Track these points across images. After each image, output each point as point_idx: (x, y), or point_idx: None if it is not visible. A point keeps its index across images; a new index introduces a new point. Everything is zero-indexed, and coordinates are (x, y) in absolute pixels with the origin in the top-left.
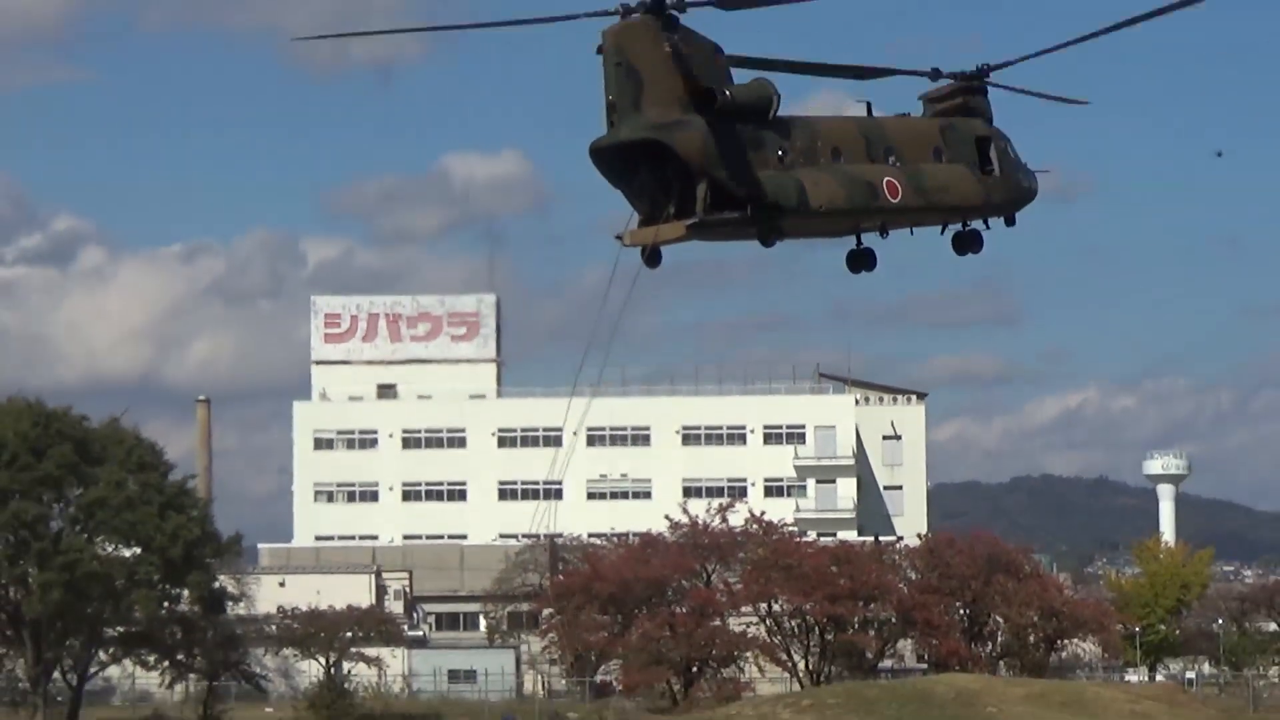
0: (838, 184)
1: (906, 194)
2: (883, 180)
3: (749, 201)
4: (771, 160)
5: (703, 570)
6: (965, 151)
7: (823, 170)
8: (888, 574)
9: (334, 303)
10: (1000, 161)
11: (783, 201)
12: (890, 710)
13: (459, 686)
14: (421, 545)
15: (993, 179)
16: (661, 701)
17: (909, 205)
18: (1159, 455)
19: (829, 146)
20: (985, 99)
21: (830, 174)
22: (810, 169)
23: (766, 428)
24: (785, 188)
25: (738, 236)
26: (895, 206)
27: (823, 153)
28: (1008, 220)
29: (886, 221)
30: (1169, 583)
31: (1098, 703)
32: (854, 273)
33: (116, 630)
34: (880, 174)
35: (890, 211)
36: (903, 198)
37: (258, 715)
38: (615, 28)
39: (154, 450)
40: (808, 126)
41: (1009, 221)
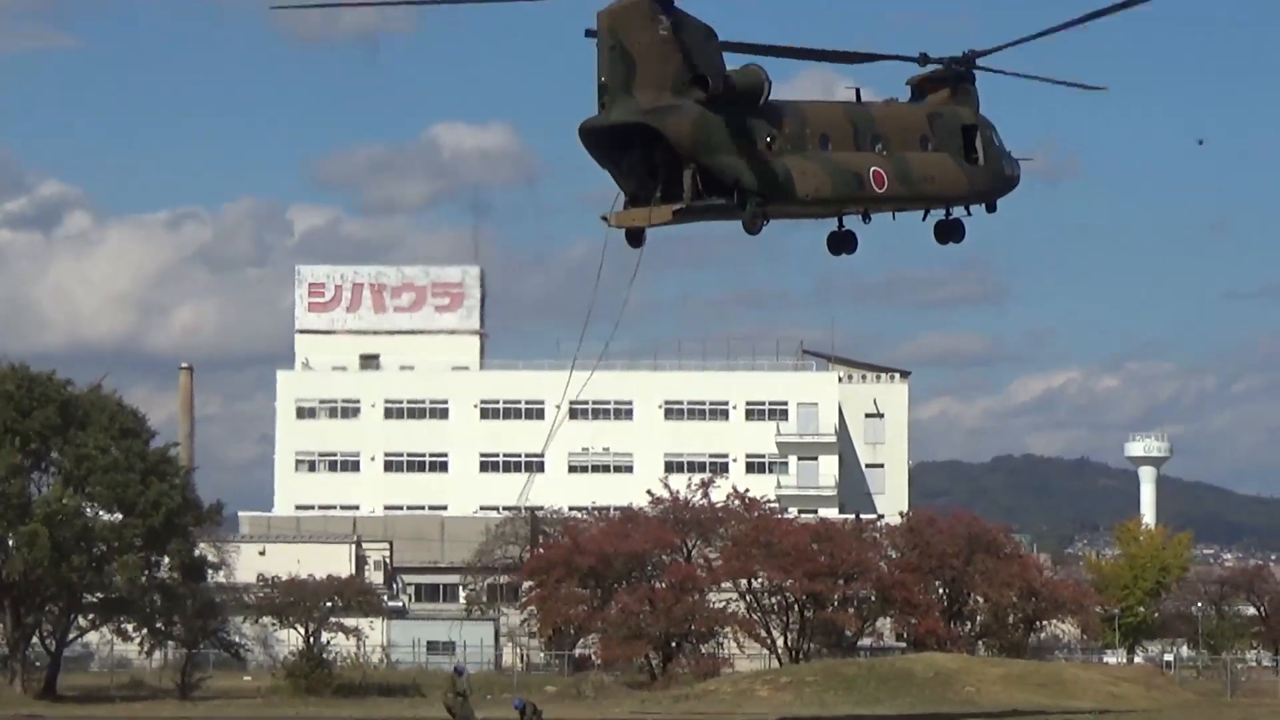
0: (825, 173)
1: (892, 183)
2: (869, 170)
3: (736, 188)
4: (760, 146)
5: (683, 545)
6: (951, 140)
7: (810, 159)
8: (868, 552)
9: (318, 272)
10: (985, 150)
11: (770, 190)
12: (868, 688)
13: (438, 658)
14: (402, 516)
15: (977, 168)
16: (640, 676)
17: (894, 194)
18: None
19: (817, 133)
20: (973, 86)
21: (818, 163)
22: (798, 157)
23: (749, 404)
24: (773, 176)
25: (722, 219)
26: (881, 195)
27: (811, 140)
28: (989, 207)
29: (870, 209)
30: (1148, 565)
31: (1076, 684)
32: (835, 254)
33: (96, 596)
34: (867, 163)
35: (875, 200)
36: (888, 187)
37: (236, 683)
38: (610, 9)
39: (136, 417)
40: (797, 113)
41: (990, 208)
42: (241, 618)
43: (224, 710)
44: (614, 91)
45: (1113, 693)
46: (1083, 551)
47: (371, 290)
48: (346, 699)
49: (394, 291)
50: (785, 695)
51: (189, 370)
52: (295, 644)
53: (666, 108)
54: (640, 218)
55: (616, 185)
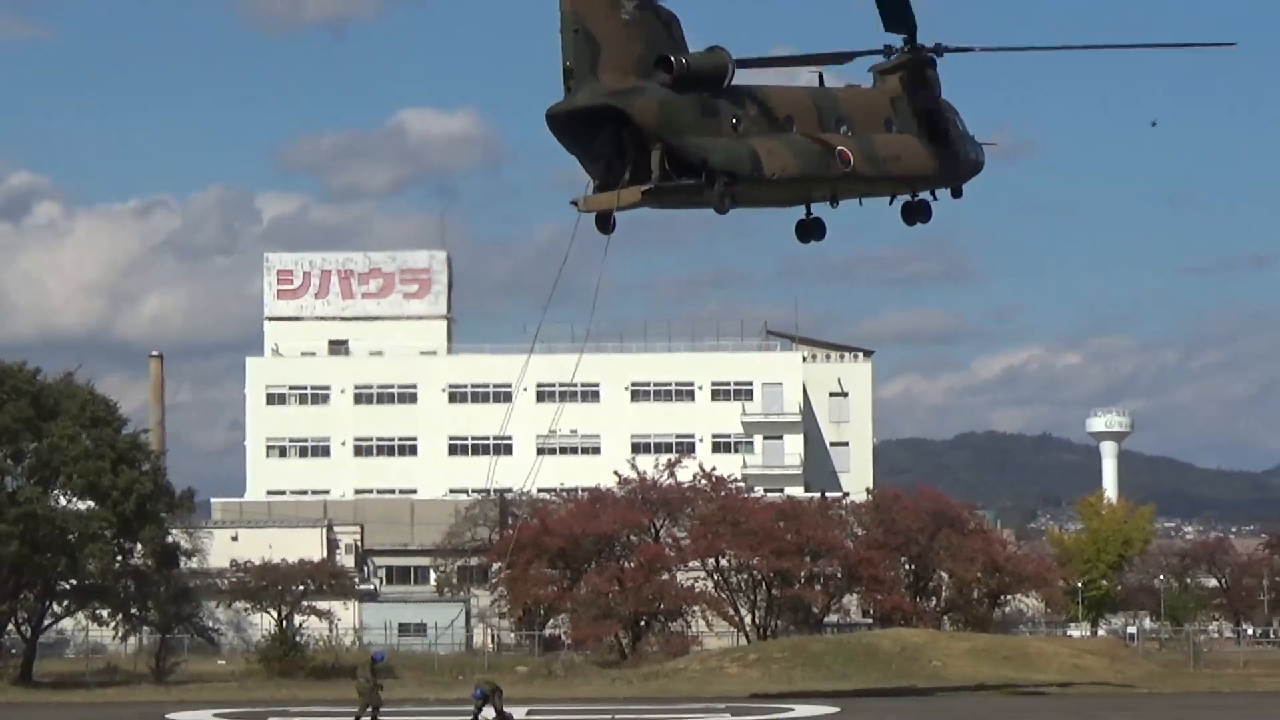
0: (791, 152)
1: (859, 162)
2: (835, 149)
3: (703, 169)
4: (726, 128)
5: (651, 525)
6: (915, 123)
7: (776, 139)
8: (834, 529)
9: (287, 259)
10: (949, 133)
11: (737, 169)
12: (836, 664)
13: (409, 639)
14: (373, 500)
15: (942, 150)
16: (610, 655)
17: (861, 173)
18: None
19: (783, 115)
20: (935, 72)
21: (783, 143)
22: (764, 137)
23: (714, 384)
24: (739, 155)
25: (692, 204)
26: (846, 175)
27: (776, 121)
28: (955, 192)
29: (838, 190)
30: (1111, 539)
31: (1040, 657)
32: (803, 242)
33: (70, 584)
34: (833, 143)
35: (842, 179)
36: (855, 165)
37: (210, 667)
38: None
39: (107, 405)
40: (762, 95)
41: (955, 193)
42: (215, 602)
43: (199, 694)
44: (579, 75)
45: (1077, 665)
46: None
47: (339, 277)
48: (320, 681)
49: (362, 278)
50: (753, 672)
51: (159, 358)
52: (268, 628)
53: (632, 89)
54: (609, 201)
55: (584, 171)
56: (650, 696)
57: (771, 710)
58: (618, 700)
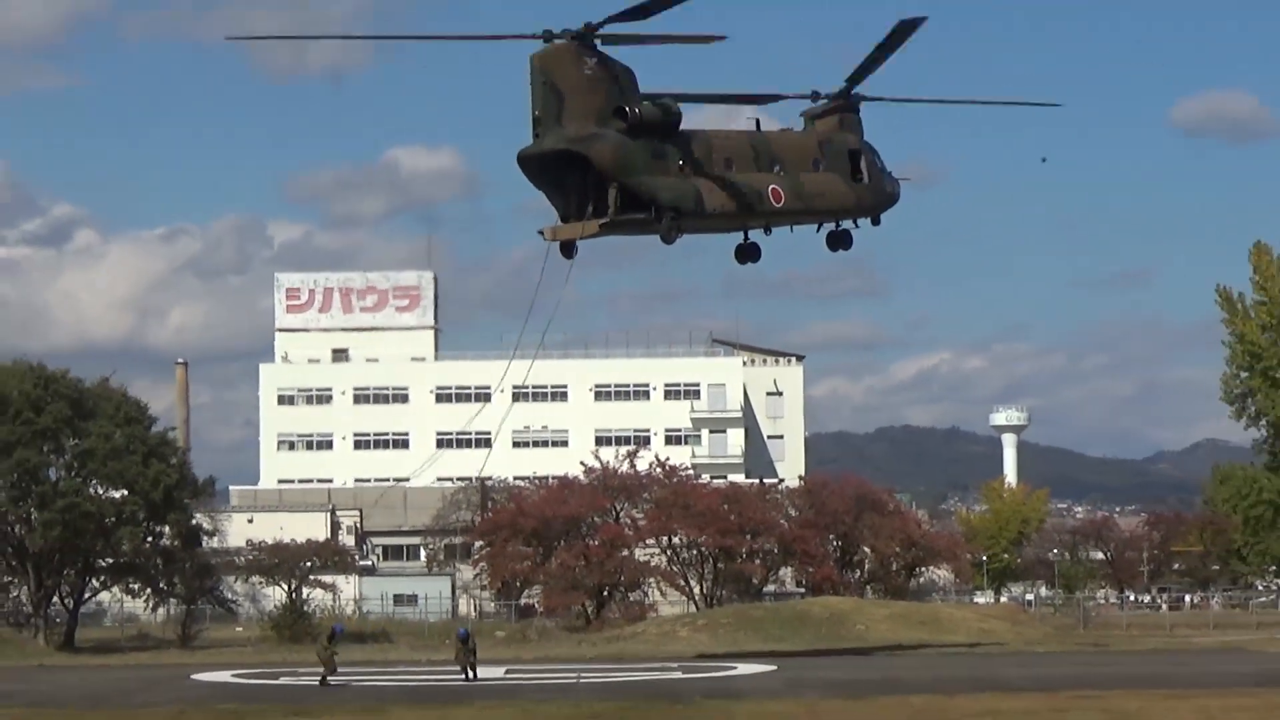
0: (729, 191)
1: (788, 199)
2: (768, 188)
3: (653, 204)
4: (673, 169)
5: (612, 508)
6: (839, 162)
7: (717, 179)
8: (771, 511)
9: (294, 278)
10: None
11: (682, 205)
12: (773, 628)
13: (402, 609)
14: (370, 487)
15: (862, 186)
16: (577, 621)
17: (790, 208)
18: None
19: (723, 157)
20: (858, 116)
21: (723, 182)
22: (706, 177)
23: (667, 385)
24: (685, 193)
25: (644, 233)
26: (778, 210)
27: (717, 163)
28: (874, 221)
29: (770, 222)
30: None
31: (950, 621)
32: (741, 264)
33: (107, 562)
34: (766, 182)
35: (774, 214)
36: (785, 202)
37: (229, 634)
38: (542, 52)
39: (139, 406)
40: (705, 140)
41: (875, 222)
42: (233, 577)
43: (219, 657)
44: (546, 123)
45: (982, 628)
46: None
47: (340, 293)
48: None
49: (359, 294)
50: (702, 635)
51: (184, 365)
52: (280, 599)
53: (591, 136)
54: (572, 231)
55: (551, 204)
56: (612, 657)
57: (718, 668)
58: (584, 660)
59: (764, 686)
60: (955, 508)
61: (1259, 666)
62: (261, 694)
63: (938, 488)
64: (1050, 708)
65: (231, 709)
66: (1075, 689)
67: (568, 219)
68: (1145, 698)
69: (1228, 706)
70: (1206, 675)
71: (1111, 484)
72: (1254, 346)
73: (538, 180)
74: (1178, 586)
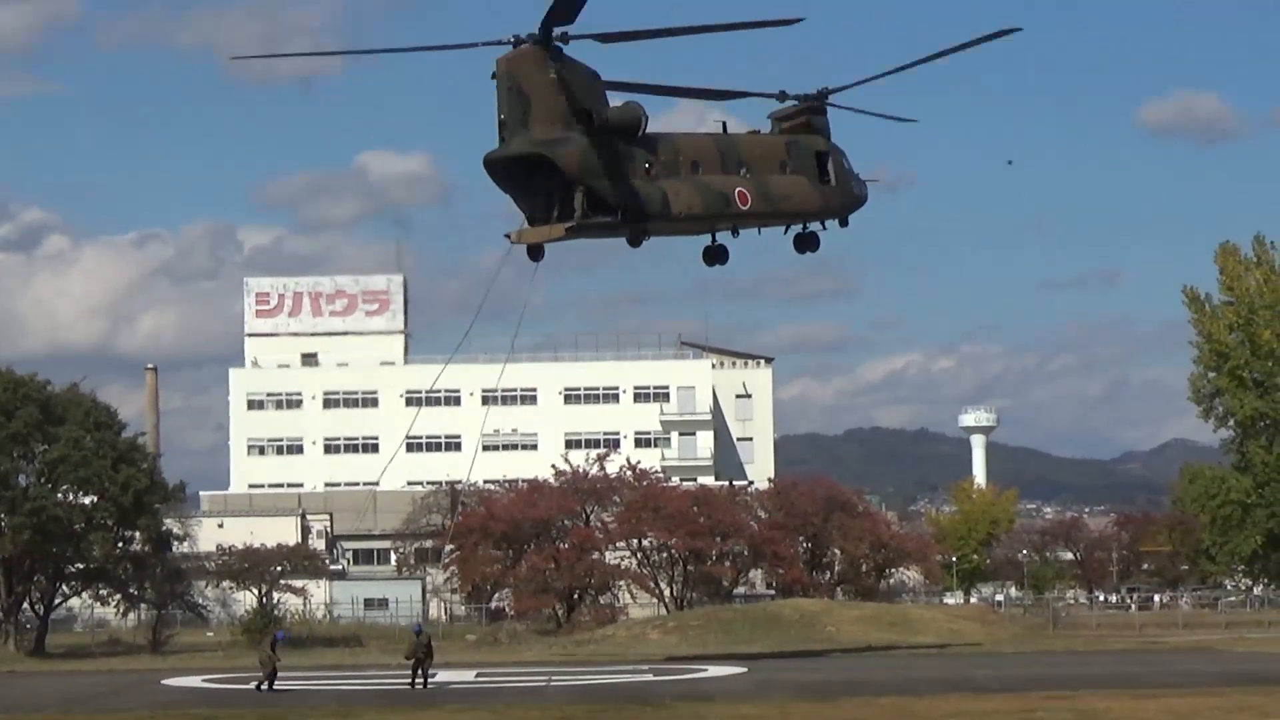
0: (696, 194)
1: (755, 201)
2: (735, 190)
3: (619, 208)
4: (640, 172)
5: (582, 511)
6: (806, 164)
7: (683, 181)
8: (741, 513)
9: (264, 283)
10: (836, 173)
11: (649, 208)
12: (743, 630)
13: (373, 613)
14: (340, 491)
15: (829, 188)
16: (548, 624)
17: (757, 211)
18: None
19: (689, 160)
20: (825, 118)
21: (690, 185)
22: (673, 180)
23: (636, 388)
24: (651, 196)
25: (610, 236)
26: (745, 212)
27: (684, 166)
28: (841, 222)
29: (738, 224)
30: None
31: (920, 622)
32: (709, 266)
33: (77, 567)
34: (733, 184)
35: (741, 216)
36: (752, 205)
37: (200, 639)
38: (508, 56)
39: (109, 411)
40: (671, 143)
41: (842, 223)
42: (204, 582)
43: (190, 662)
44: (512, 126)
45: (952, 629)
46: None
47: (310, 298)
48: (295, 650)
49: (329, 298)
50: (672, 638)
51: (154, 370)
52: (250, 603)
53: (557, 139)
54: (538, 235)
55: (518, 208)
56: (583, 659)
57: (688, 670)
58: (555, 663)
59: (734, 688)
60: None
61: (1228, 666)
62: (232, 699)
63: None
64: (1019, 708)
65: (203, 714)
66: (1044, 689)
67: (534, 222)
68: (1114, 698)
69: (1196, 706)
70: (1175, 675)
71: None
72: (1221, 346)
73: (504, 184)
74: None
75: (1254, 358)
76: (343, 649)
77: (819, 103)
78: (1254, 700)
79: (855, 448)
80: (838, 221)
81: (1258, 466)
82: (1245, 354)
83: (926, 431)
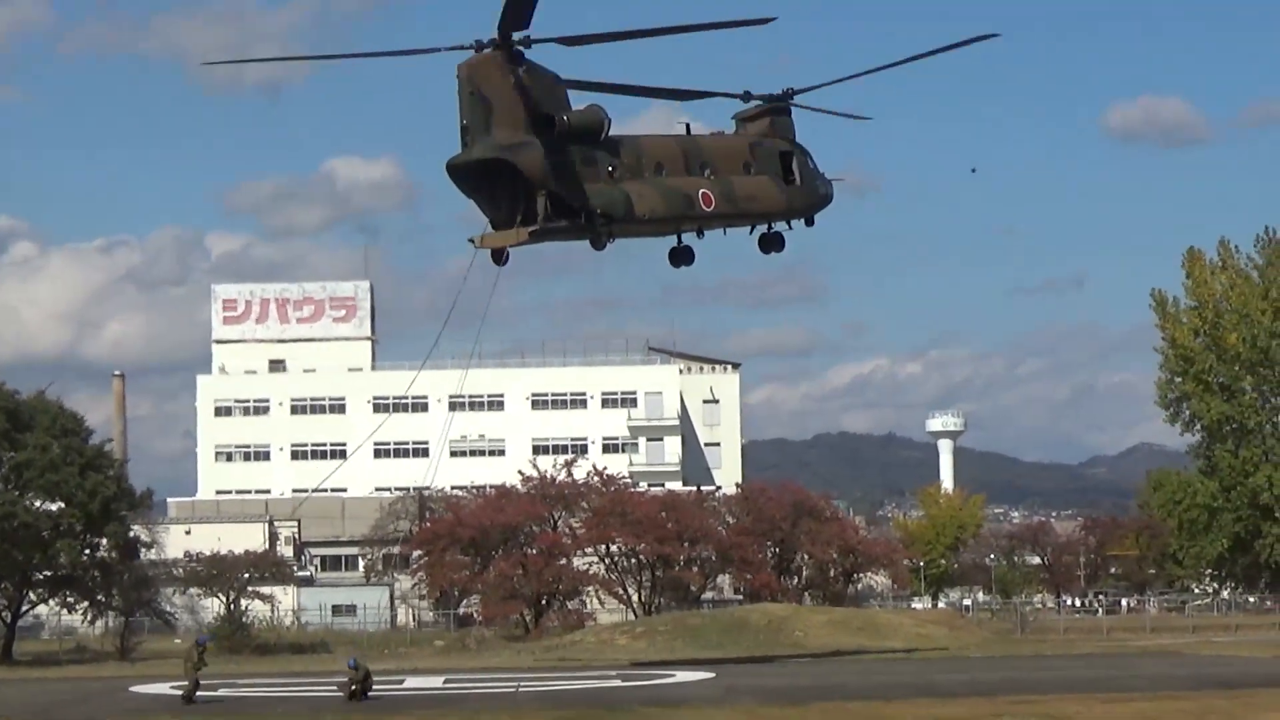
0: (660, 196)
1: (719, 203)
2: (699, 192)
3: (582, 211)
4: (603, 175)
5: (550, 517)
6: (771, 165)
7: (647, 184)
8: (708, 519)
9: (231, 290)
10: (801, 173)
11: (612, 211)
12: (712, 635)
13: (341, 619)
14: (308, 498)
15: (794, 188)
16: (516, 630)
17: (721, 212)
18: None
19: (653, 162)
20: (789, 118)
21: (653, 187)
22: (636, 182)
23: (604, 394)
24: (614, 199)
25: (575, 239)
26: (709, 214)
27: (647, 168)
28: (807, 221)
29: (702, 225)
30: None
31: (888, 626)
32: (675, 267)
33: (44, 574)
34: (696, 186)
35: (705, 217)
36: (716, 206)
37: (168, 646)
38: (469, 61)
39: (76, 418)
40: (634, 145)
41: (808, 223)
42: (171, 589)
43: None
44: (474, 132)
45: (920, 634)
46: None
47: (277, 304)
48: (263, 657)
49: (296, 305)
50: (640, 643)
51: (121, 377)
52: (218, 610)
53: (519, 144)
54: (502, 239)
55: (481, 213)
56: (551, 665)
57: (656, 676)
58: (523, 669)
59: (702, 694)
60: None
61: (1195, 669)
62: (200, 706)
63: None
64: (987, 713)
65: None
66: (1012, 694)
67: (498, 227)
68: (1082, 702)
69: (1164, 710)
70: (1143, 679)
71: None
72: (1187, 351)
73: (467, 189)
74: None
75: (1220, 362)
76: (311, 655)
77: (783, 103)
78: (1221, 704)
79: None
80: (803, 221)
81: (1224, 470)
82: (1211, 358)
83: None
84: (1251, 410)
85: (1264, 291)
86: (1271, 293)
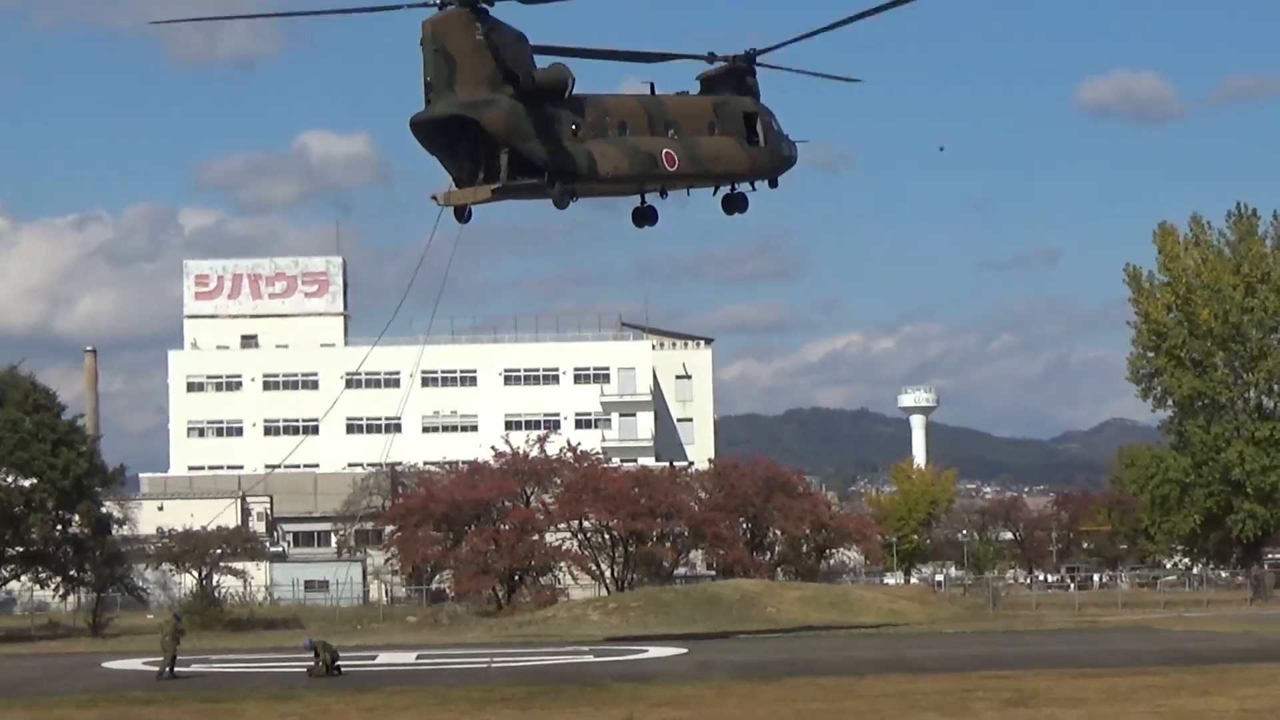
0: (623, 155)
1: (682, 162)
2: (662, 151)
3: (546, 169)
4: (566, 133)
5: (523, 493)
6: (735, 125)
7: (610, 142)
8: (681, 494)
9: (203, 265)
10: (765, 134)
11: (575, 170)
12: (684, 611)
13: (314, 595)
14: (280, 474)
15: (758, 149)
16: (488, 606)
17: (685, 172)
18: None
19: (616, 121)
20: (754, 79)
21: (616, 146)
22: (599, 141)
23: (576, 369)
24: (577, 158)
25: (537, 197)
26: (672, 174)
27: (611, 127)
28: (771, 183)
29: (666, 185)
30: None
31: (861, 602)
32: (638, 227)
33: (16, 550)
34: (660, 145)
35: (669, 177)
36: (679, 166)
37: (140, 622)
38: (433, 18)
39: (48, 394)
40: (598, 104)
41: (772, 184)
42: (144, 565)
43: (130, 645)
44: (438, 89)
45: (893, 609)
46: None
47: (249, 280)
48: (236, 632)
49: (269, 280)
50: (613, 619)
51: (93, 353)
52: (191, 586)
53: (483, 101)
54: (464, 197)
55: (444, 170)
56: (524, 641)
57: (629, 651)
58: (495, 645)
59: (675, 669)
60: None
61: (1166, 645)
62: (173, 681)
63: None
64: (960, 688)
65: (144, 696)
66: (985, 669)
67: (461, 184)
68: (1054, 677)
69: (1136, 685)
70: (1115, 654)
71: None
72: (1160, 326)
73: (430, 146)
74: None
75: (1192, 337)
76: (283, 630)
77: (747, 64)
78: (1193, 679)
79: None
80: (767, 182)
81: (1196, 446)
82: (1183, 334)
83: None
84: (1223, 386)
85: (1235, 267)
86: (1243, 268)
